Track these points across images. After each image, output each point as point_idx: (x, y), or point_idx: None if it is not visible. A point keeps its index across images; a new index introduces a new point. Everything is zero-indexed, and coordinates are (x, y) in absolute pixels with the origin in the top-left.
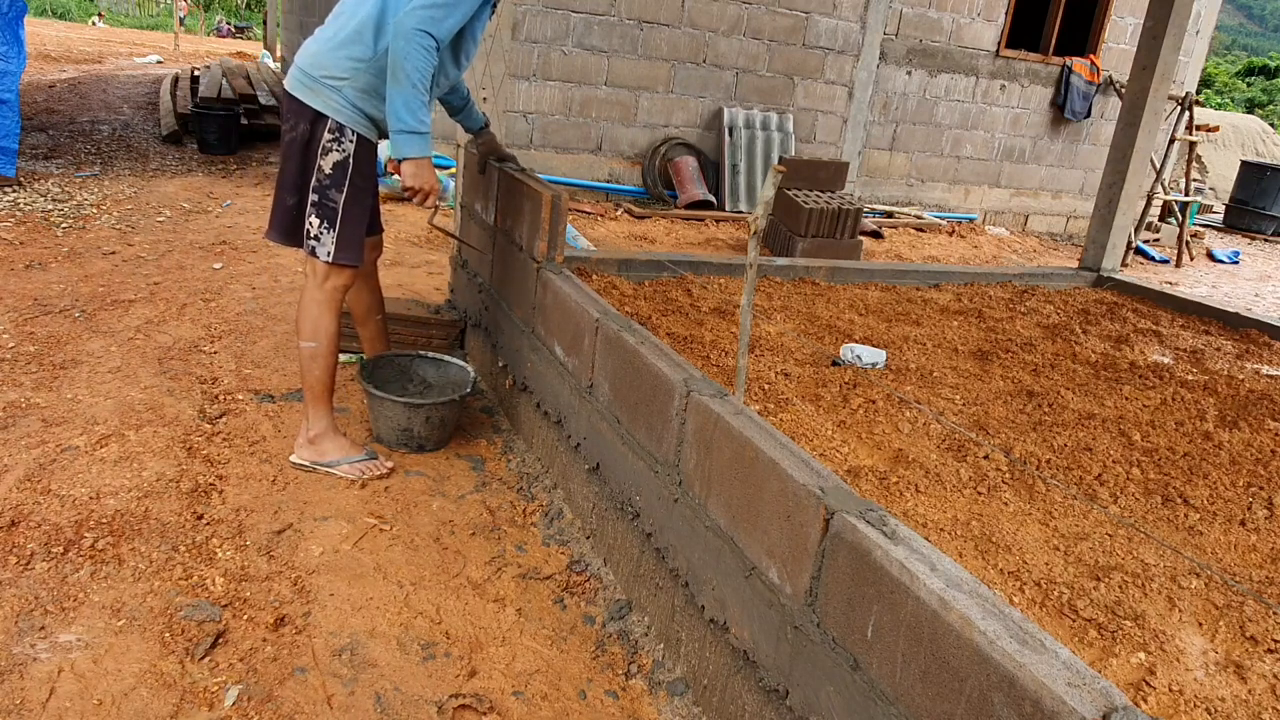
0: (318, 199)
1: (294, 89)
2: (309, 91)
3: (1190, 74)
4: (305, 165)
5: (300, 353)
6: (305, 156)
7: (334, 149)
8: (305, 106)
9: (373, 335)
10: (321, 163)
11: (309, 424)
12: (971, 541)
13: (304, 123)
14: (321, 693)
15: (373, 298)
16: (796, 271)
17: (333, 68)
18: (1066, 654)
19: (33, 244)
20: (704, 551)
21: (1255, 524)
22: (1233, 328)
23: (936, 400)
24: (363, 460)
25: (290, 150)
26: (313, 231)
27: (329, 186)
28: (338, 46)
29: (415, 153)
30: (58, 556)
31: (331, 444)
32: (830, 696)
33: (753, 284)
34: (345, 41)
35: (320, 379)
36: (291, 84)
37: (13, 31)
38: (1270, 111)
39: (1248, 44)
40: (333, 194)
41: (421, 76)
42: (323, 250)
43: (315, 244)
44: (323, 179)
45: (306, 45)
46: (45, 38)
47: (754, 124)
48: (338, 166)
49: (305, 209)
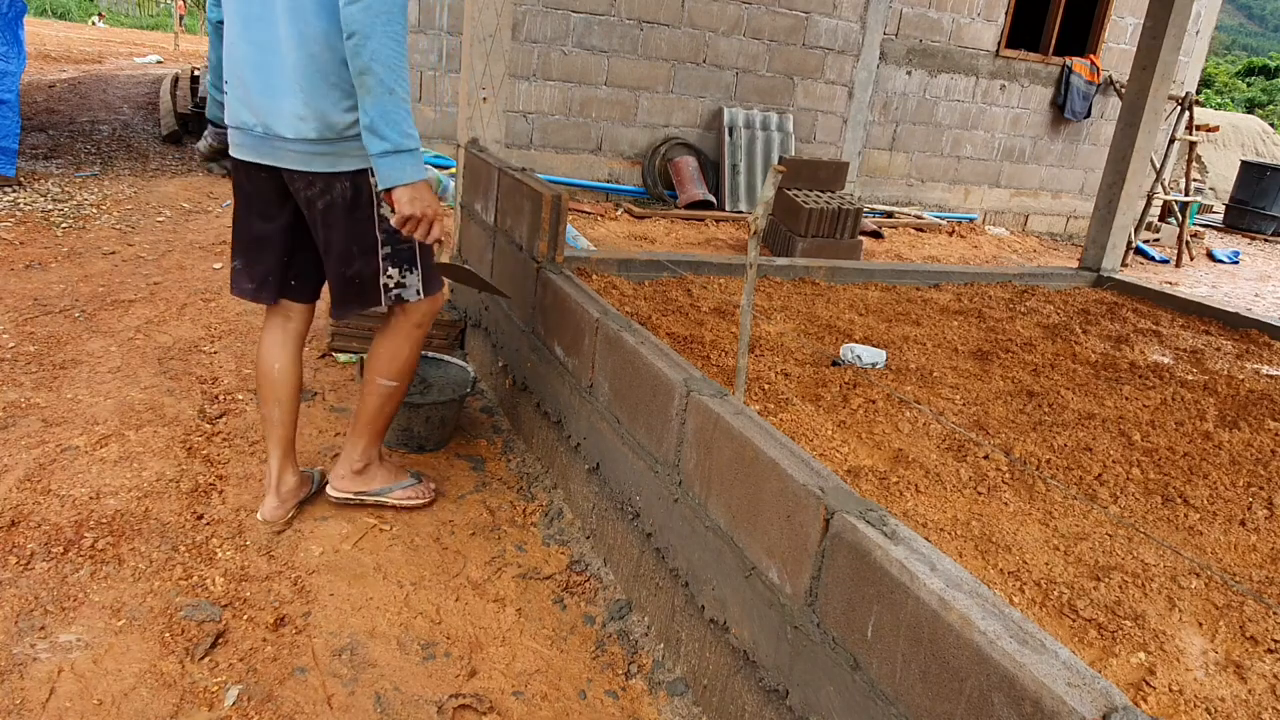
0: (390, 250)
1: (316, 165)
2: (332, 159)
3: (1190, 74)
4: (357, 228)
5: (373, 389)
6: (352, 218)
7: None
8: (337, 173)
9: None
10: (381, 212)
11: (357, 456)
12: (971, 541)
13: (340, 184)
14: (321, 693)
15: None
16: (796, 271)
17: (346, 116)
18: (1066, 654)
19: (33, 244)
20: (704, 551)
21: (1255, 524)
22: (1233, 328)
23: (936, 400)
24: (411, 484)
25: (331, 217)
26: (393, 283)
27: (395, 231)
28: (329, 86)
29: (409, 176)
30: (58, 556)
31: (379, 471)
32: (830, 696)
33: (753, 284)
34: (328, 72)
35: (388, 416)
36: (307, 161)
37: (13, 32)
38: (1270, 111)
39: (1248, 44)
40: (402, 235)
41: (398, 76)
42: (410, 293)
43: (401, 291)
44: (388, 227)
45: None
46: (45, 38)
47: (754, 124)
48: None
49: (373, 270)
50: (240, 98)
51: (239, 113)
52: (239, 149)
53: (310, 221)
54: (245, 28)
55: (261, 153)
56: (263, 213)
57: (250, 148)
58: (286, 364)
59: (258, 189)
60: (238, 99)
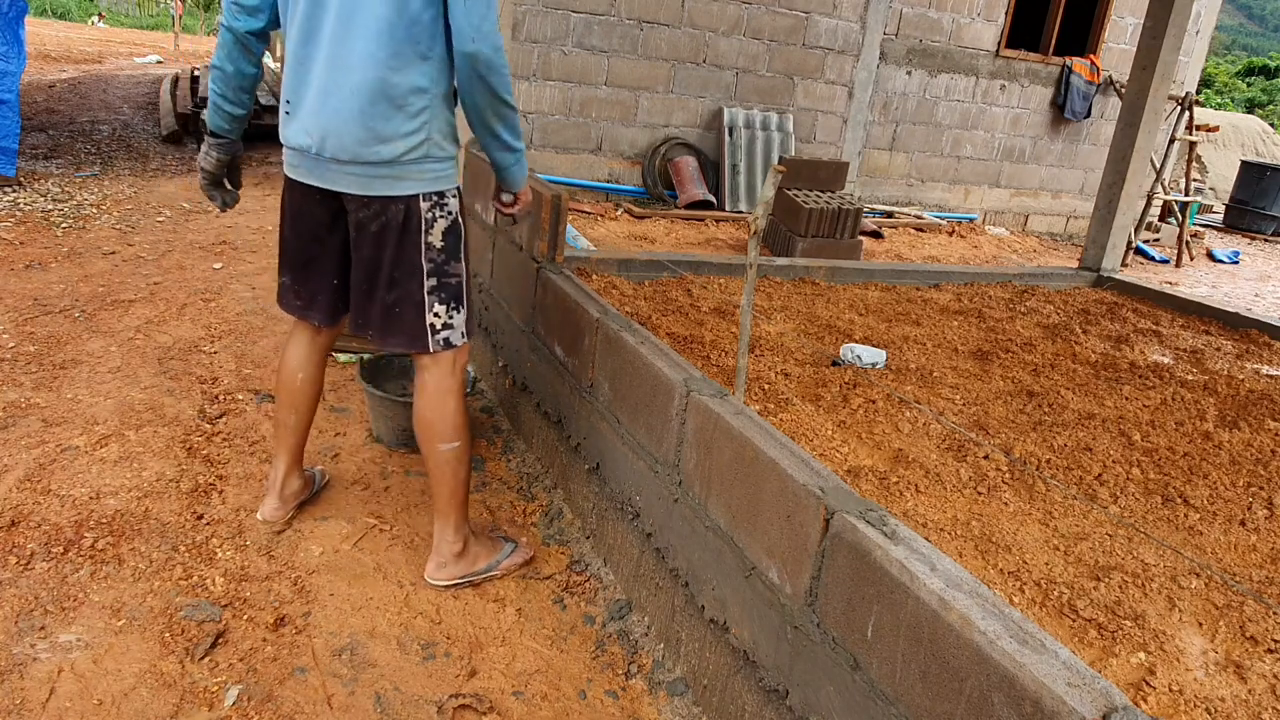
0: (437, 282)
1: (375, 189)
2: (390, 182)
3: (1190, 74)
4: (406, 252)
5: (438, 460)
6: (403, 242)
7: (439, 216)
8: (395, 196)
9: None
10: (429, 239)
11: (450, 538)
12: (971, 541)
13: (394, 206)
14: (321, 693)
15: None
16: (796, 271)
17: (407, 140)
18: (1066, 654)
19: (33, 244)
20: (704, 551)
21: (1255, 524)
22: (1233, 328)
23: (936, 400)
24: (510, 550)
25: (383, 240)
26: (440, 323)
27: (445, 261)
28: (394, 109)
29: (526, 173)
30: (58, 556)
31: (479, 547)
32: (830, 696)
33: (753, 284)
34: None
35: (465, 481)
36: (365, 185)
37: (13, 31)
38: (1270, 111)
39: (1248, 44)
40: (451, 267)
41: (511, 91)
42: (457, 335)
43: (449, 334)
44: (435, 256)
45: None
46: (45, 38)
47: (754, 124)
48: (449, 234)
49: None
50: (299, 119)
51: (298, 135)
52: (295, 170)
53: (356, 244)
54: (310, 46)
55: (320, 176)
56: (315, 235)
57: (307, 170)
58: (311, 375)
59: (311, 210)
60: (297, 120)
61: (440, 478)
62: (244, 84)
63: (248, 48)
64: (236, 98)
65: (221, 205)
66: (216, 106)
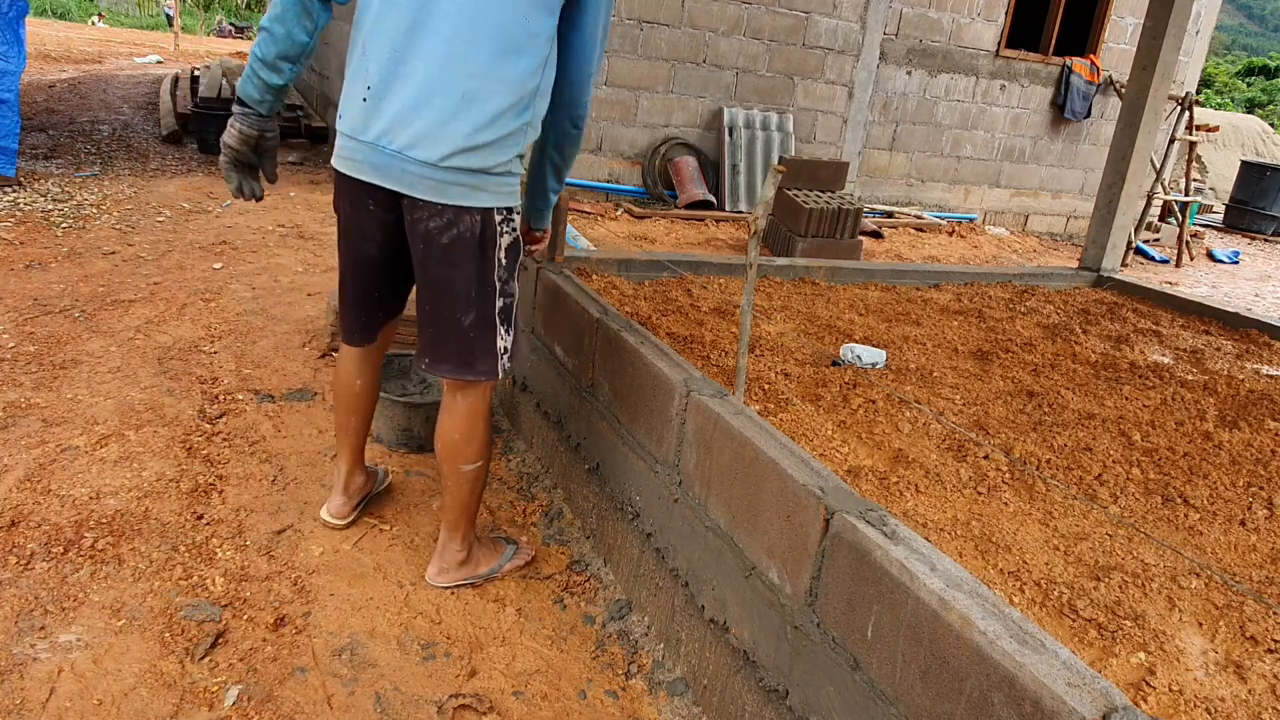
0: (504, 304)
1: (451, 198)
2: (468, 191)
3: (1190, 74)
4: (483, 268)
5: (458, 479)
6: (481, 257)
7: (505, 231)
8: (471, 207)
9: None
10: (500, 257)
11: (457, 548)
12: (971, 541)
13: (469, 217)
14: (321, 693)
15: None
16: (796, 271)
17: (502, 152)
18: (1066, 654)
19: (33, 244)
20: (704, 551)
21: (1255, 524)
22: (1233, 328)
23: (936, 400)
24: (512, 552)
25: (457, 255)
26: (502, 344)
27: (508, 279)
28: (507, 122)
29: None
30: (58, 556)
31: (481, 552)
32: (830, 696)
33: (753, 284)
34: (513, 113)
35: (480, 496)
36: (442, 191)
37: (13, 31)
38: (1270, 111)
39: (1248, 44)
40: (511, 286)
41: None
42: (505, 361)
43: (506, 359)
44: (502, 275)
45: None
46: (45, 38)
47: (754, 124)
48: (511, 251)
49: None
50: (385, 110)
51: (367, 122)
52: (350, 164)
53: (422, 256)
54: (417, 37)
55: (386, 173)
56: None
57: (371, 166)
58: (369, 381)
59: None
60: (380, 111)
61: (457, 493)
62: (291, 52)
63: (309, 12)
64: (278, 65)
65: (238, 189)
66: (253, 72)
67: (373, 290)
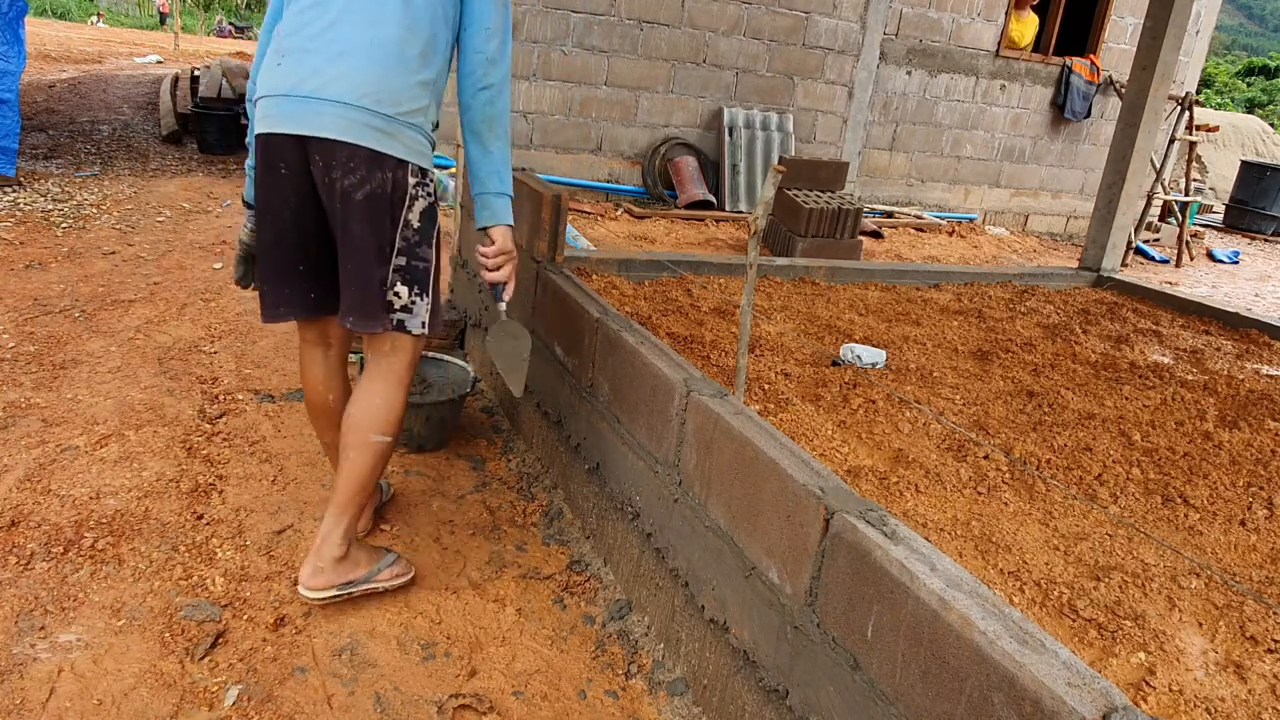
0: (405, 261)
1: (364, 139)
2: (386, 138)
3: (1190, 74)
4: (391, 224)
5: (365, 448)
6: (392, 213)
7: (420, 196)
8: (383, 156)
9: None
10: (409, 216)
11: (338, 540)
12: (971, 541)
13: (383, 172)
14: (321, 693)
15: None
16: (796, 271)
17: (410, 100)
18: (1066, 654)
19: (33, 244)
20: (704, 551)
21: (1255, 524)
22: (1233, 328)
23: (936, 400)
24: (392, 560)
25: (373, 209)
26: (400, 301)
27: (418, 244)
28: (412, 70)
29: (511, 219)
30: (58, 556)
31: (360, 554)
32: (830, 696)
33: (753, 284)
34: (417, 61)
35: (377, 480)
36: (356, 132)
37: (13, 31)
38: (1270, 111)
39: (1248, 44)
40: (423, 250)
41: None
42: (415, 322)
43: (405, 316)
44: (410, 236)
45: (350, 68)
46: (45, 38)
47: (754, 124)
48: (425, 216)
49: (388, 279)
50: (296, 66)
51: (282, 78)
52: (264, 120)
53: (338, 214)
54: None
55: (299, 119)
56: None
57: (282, 115)
58: (339, 393)
59: (276, 176)
60: (290, 68)
61: (359, 466)
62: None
63: None
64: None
65: (243, 279)
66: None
67: (296, 263)
